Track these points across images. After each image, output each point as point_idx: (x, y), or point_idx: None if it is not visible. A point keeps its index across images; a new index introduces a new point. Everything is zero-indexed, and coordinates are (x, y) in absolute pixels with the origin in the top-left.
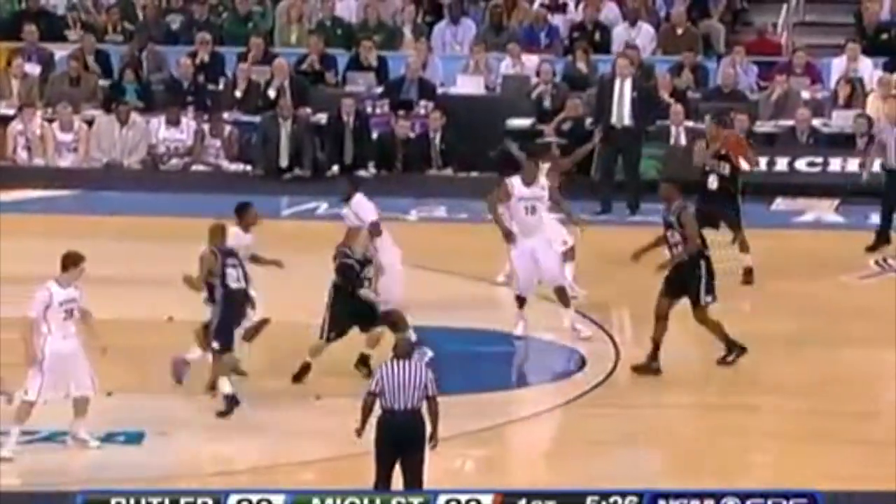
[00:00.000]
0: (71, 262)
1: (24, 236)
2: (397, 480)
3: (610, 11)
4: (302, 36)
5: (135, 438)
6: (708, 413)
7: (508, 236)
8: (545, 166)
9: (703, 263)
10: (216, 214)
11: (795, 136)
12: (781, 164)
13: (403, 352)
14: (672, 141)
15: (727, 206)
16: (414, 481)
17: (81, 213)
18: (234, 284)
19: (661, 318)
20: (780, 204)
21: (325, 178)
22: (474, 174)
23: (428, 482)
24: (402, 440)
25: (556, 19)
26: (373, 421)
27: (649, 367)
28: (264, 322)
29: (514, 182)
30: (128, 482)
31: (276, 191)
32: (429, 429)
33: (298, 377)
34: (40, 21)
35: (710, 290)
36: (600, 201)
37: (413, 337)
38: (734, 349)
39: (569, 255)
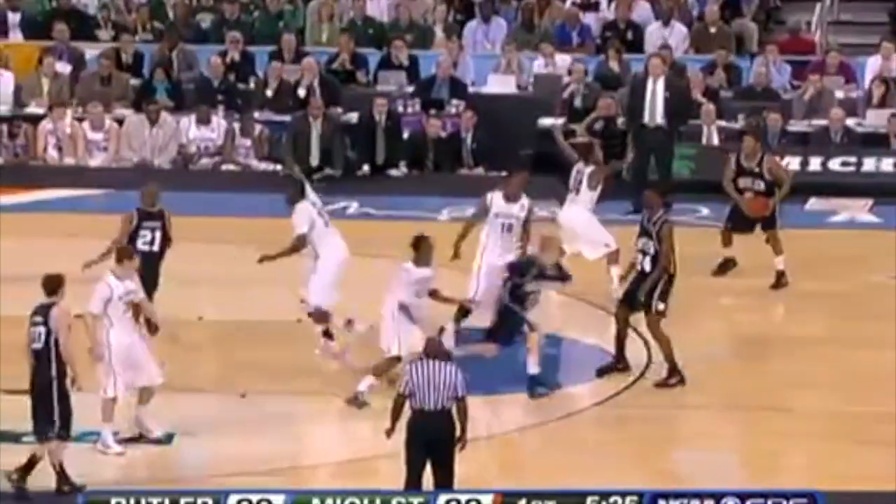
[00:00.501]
0: (126, 254)
1: (55, 235)
2: (427, 481)
3: (642, 10)
4: (333, 35)
5: (164, 439)
6: (738, 415)
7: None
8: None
9: (663, 281)
10: (246, 214)
11: (829, 136)
12: (815, 163)
13: (433, 352)
14: (704, 140)
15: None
16: (445, 482)
17: (112, 212)
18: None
19: (620, 322)
20: (813, 204)
21: (355, 177)
22: (506, 173)
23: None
24: (432, 441)
25: (588, 18)
26: (402, 422)
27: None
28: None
29: (494, 197)
30: (156, 483)
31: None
32: (458, 430)
33: None
34: (71, 20)
35: (664, 298)
36: (632, 201)
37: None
38: (675, 375)
39: (612, 258)
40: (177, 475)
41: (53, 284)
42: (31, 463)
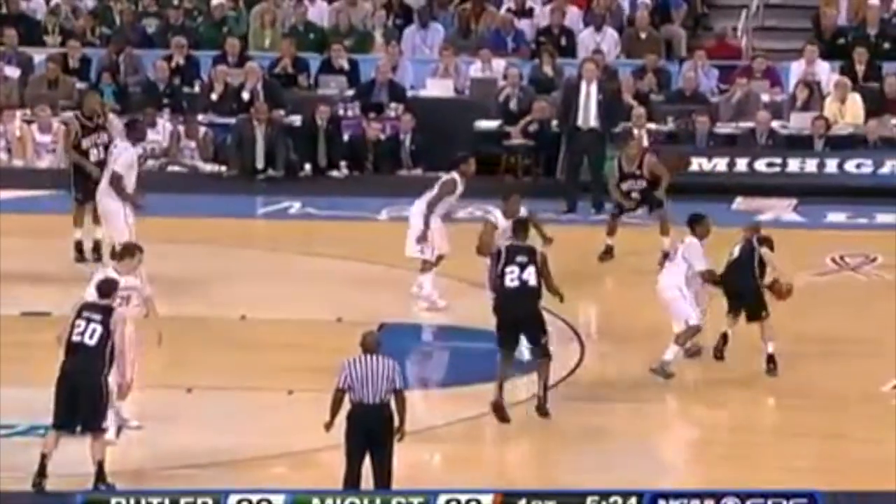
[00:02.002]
0: (126, 252)
1: (6, 235)
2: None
3: (575, 16)
4: (275, 40)
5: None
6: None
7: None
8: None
9: None
10: (191, 215)
11: (755, 138)
12: (741, 164)
13: (371, 346)
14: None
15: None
16: (383, 474)
17: (60, 212)
18: None
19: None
20: (740, 203)
21: (297, 178)
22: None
23: (397, 477)
24: (371, 434)
25: (523, 24)
26: (341, 415)
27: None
28: None
29: (497, 216)
30: (126, 475)
31: (250, 191)
32: (397, 421)
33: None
34: (20, 25)
35: None
36: (566, 201)
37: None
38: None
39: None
40: (130, 467)
41: (109, 288)
42: (100, 466)
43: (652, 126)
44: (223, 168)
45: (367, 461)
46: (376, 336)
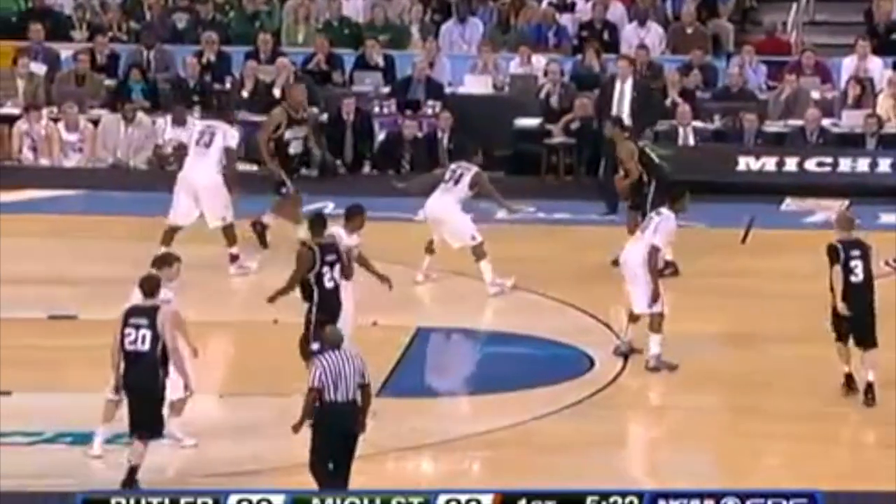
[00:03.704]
0: (162, 262)
1: (30, 236)
2: None
3: (618, 10)
4: (309, 35)
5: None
6: (720, 414)
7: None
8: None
9: None
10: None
11: (805, 136)
12: (791, 164)
13: (335, 342)
14: (680, 141)
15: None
16: (344, 469)
17: (87, 213)
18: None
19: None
20: (789, 204)
21: (332, 177)
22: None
23: (433, 483)
24: (343, 432)
25: (565, 18)
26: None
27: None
28: None
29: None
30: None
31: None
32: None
33: None
34: (46, 20)
35: None
36: (606, 202)
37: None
38: None
39: (479, 252)
40: (161, 478)
41: (152, 285)
42: (133, 471)
43: (698, 124)
44: (255, 167)
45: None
46: (339, 331)
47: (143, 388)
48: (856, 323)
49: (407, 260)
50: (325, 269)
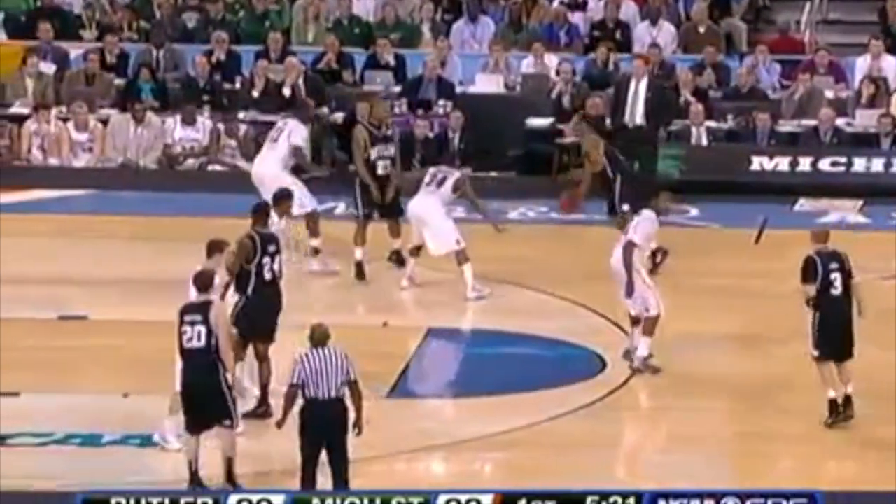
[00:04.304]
0: (216, 248)
1: (39, 236)
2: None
3: (630, 9)
4: (319, 34)
5: (152, 442)
6: (732, 416)
7: None
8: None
9: None
10: (233, 214)
11: (819, 136)
12: (804, 164)
13: (320, 339)
14: (693, 141)
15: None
16: (341, 471)
17: (97, 213)
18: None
19: None
20: (803, 205)
21: (343, 177)
22: (493, 174)
23: (449, 484)
24: (327, 429)
25: (576, 17)
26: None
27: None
28: None
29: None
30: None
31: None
32: (352, 415)
33: None
34: (55, 19)
35: None
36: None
37: None
38: None
39: (461, 257)
40: (168, 479)
41: (205, 281)
42: (230, 462)
43: (711, 124)
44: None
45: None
46: (325, 328)
47: (205, 384)
48: (837, 337)
49: (419, 260)
50: (266, 259)
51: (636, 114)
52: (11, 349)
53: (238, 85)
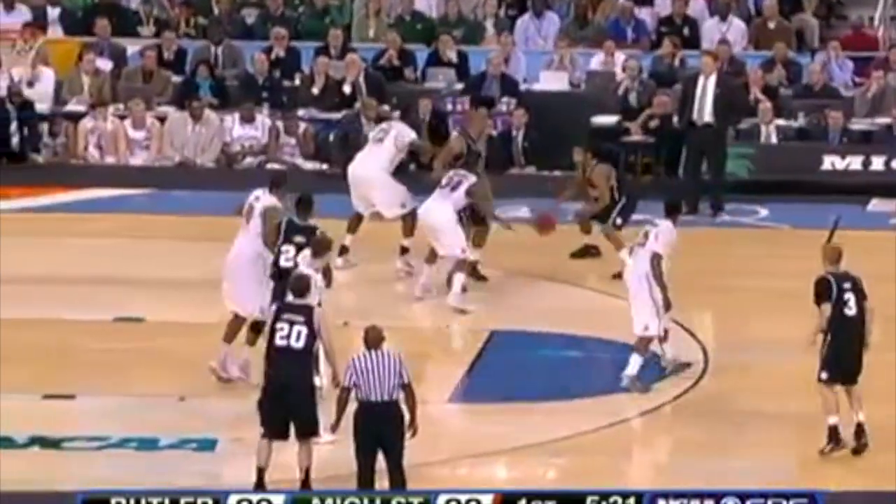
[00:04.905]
0: (324, 247)
1: (96, 236)
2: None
3: (698, 5)
4: (380, 30)
5: (208, 445)
6: (799, 421)
7: None
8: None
9: None
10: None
11: (892, 134)
12: (877, 163)
13: (374, 341)
14: (762, 139)
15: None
16: (396, 473)
17: (153, 212)
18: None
19: None
20: (876, 205)
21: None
22: (558, 173)
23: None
24: (381, 432)
25: (643, 13)
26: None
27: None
28: None
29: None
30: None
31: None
32: (407, 416)
33: None
34: (112, 15)
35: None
36: (685, 202)
37: None
38: None
39: (459, 265)
40: (222, 483)
41: (302, 286)
42: (307, 472)
43: (781, 122)
44: (325, 166)
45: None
46: (379, 331)
47: (298, 386)
48: (850, 359)
49: (485, 260)
50: (287, 246)
51: (704, 112)
52: (67, 351)
53: (297, 82)
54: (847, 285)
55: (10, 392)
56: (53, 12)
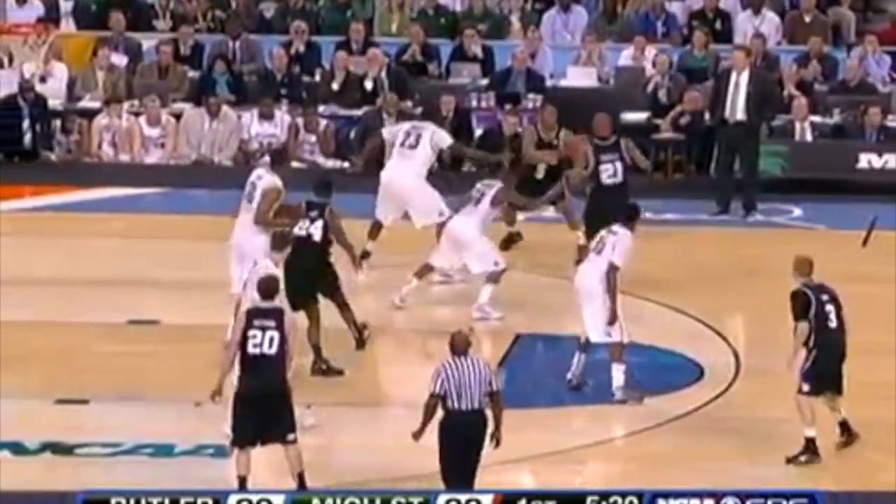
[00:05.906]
0: (283, 241)
1: (110, 236)
2: None
3: None
4: (403, 25)
5: (225, 451)
6: (832, 426)
7: None
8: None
9: None
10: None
11: None
12: None
13: (462, 348)
14: (797, 137)
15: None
16: (470, 479)
17: (169, 212)
18: None
19: None
20: None
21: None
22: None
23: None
24: (468, 440)
25: (674, 6)
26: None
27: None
28: None
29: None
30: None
31: (376, 189)
32: (491, 426)
33: None
34: (127, 9)
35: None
36: (717, 201)
37: None
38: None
39: (494, 277)
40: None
41: (271, 288)
42: (301, 478)
43: (816, 119)
44: (346, 164)
45: None
46: (465, 336)
47: (273, 393)
48: (831, 372)
49: (519, 264)
50: (307, 222)
51: (737, 108)
52: (80, 354)
53: (318, 78)
54: (825, 297)
55: (22, 396)
56: (67, 6)
